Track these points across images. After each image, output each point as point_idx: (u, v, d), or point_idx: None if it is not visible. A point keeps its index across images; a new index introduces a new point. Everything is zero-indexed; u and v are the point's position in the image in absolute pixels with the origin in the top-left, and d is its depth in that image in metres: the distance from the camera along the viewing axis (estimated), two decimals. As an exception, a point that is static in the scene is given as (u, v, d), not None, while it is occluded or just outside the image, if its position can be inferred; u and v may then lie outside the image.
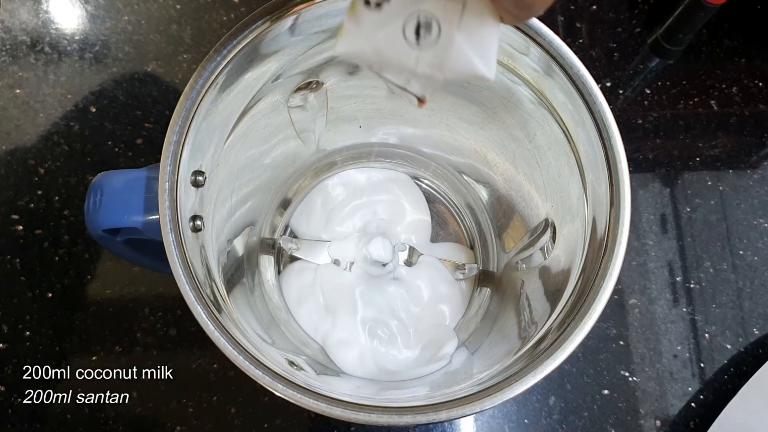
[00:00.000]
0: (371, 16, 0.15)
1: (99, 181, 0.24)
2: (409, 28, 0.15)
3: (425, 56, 0.15)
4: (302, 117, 0.31)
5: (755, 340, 0.36)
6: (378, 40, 0.15)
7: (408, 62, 0.15)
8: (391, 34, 0.15)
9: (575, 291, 0.23)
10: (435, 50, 0.15)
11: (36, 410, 0.33)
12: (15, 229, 0.36)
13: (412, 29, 0.15)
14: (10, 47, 0.40)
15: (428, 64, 0.15)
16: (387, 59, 0.16)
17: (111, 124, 0.38)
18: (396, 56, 0.15)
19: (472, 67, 0.15)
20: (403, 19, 0.15)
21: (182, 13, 0.41)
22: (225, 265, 0.28)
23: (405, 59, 0.15)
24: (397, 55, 0.15)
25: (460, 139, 0.33)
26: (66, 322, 0.35)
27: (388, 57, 0.15)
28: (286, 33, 0.24)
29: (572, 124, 0.25)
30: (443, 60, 0.15)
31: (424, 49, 0.15)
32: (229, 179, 0.28)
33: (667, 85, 0.41)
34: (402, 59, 0.15)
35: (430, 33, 0.15)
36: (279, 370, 0.20)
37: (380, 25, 0.15)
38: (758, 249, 0.37)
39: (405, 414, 0.20)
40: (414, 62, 0.15)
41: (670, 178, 0.39)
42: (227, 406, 0.33)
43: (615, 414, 0.34)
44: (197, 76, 0.22)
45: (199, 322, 0.20)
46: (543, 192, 0.29)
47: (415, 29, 0.15)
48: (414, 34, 0.15)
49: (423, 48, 0.15)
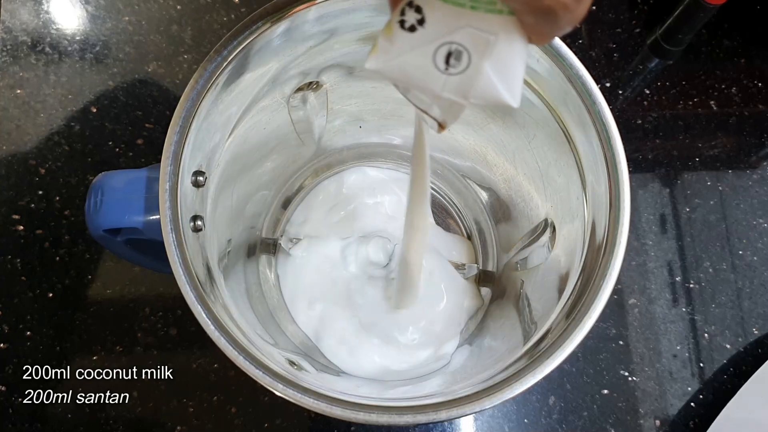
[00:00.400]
0: (405, 37, 0.15)
1: (100, 181, 0.24)
2: (440, 55, 0.15)
3: (452, 82, 0.15)
4: (302, 117, 0.31)
5: (755, 340, 0.36)
6: (408, 61, 0.15)
7: (435, 86, 0.16)
8: (421, 57, 0.15)
9: (575, 291, 0.23)
10: (462, 77, 0.15)
11: (36, 410, 0.33)
12: (16, 229, 0.36)
13: (443, 56, 0.15)
14: (11, 47, 0.40)
15: (454, 89, 0.15)
16: (414, 80, 0.16)
17: (111, 125, 0.38)
18: (423, 79, 0.16)
19: (497, 95, 0.15)
20: (435, 46, 0.15)
21: (183, 13, 0.41)
22: (225, 265, 0.28)
23: (432, 83, 0.16)
24: (425, 78, 0.16)
25: (459, 140, 0.33)
26: (66, 322, 0.35)
27: (415, 78, 0.16)
28: (286, 33, 0.24)
29: (572, 124, 0.25)
30: (469, 87, 0.15)
31: (451, 76, 0.15)
32: (229, 179, 0.28)
33: (666, 85, 0.41)
34: (429, 82, 0.16)
35: (460, 62, 0.15)
36: (279, 370, 0.20)
37: (412, 47, 0.15)
38: (758, 249, 0.37)
39: (405, 414, 0.20)
40: (440, 87, 0.16)
41: (669, 178, 0.39)
42: (227, 405, 0.33)
43: (615, 414, 0.34)
44: (198, 77, 0.22)
45: (199, 321, 0.20)
46: (543, 192, 0.29)
47: (445, 57, 0.15)
48: (444, 62, 0.15)
49: (451, 74, 0.15)
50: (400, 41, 0.15)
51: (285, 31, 0.24)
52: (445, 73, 0.15)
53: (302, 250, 0.34)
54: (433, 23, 0.15)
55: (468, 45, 0.15)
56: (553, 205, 0.28)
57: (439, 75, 0.15)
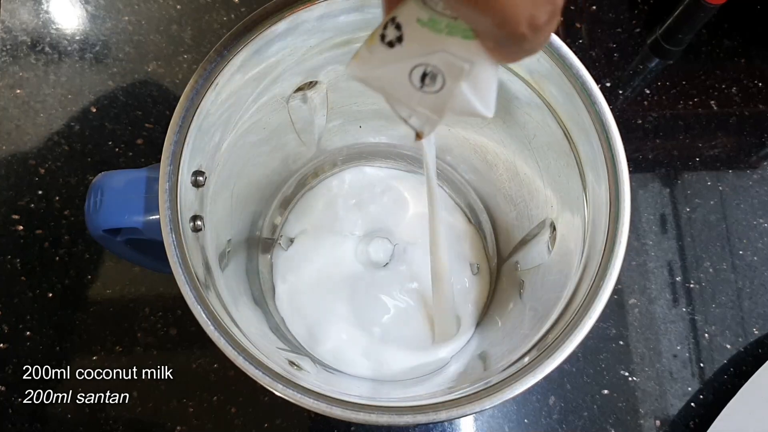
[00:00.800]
0: (384, 51, 0.15)
1: (99, 181, 0.24)
2: (416, 73, 0.15)
3: (427, 99, 0.16)
4: (302, 117, 0.31)
5: (755, 340, 0.36)
6: (385, 74, 0.16)
7: (410, 101, 0.16)
8: (398, 72, 0.16)
9: (575, 291, 0.23)
10: (437, 96, 0.15)
11: (36, 410, 0.33)
12: (15, 229, 0.36)
13: (418, 75, 0.15)
14: (11, 47, 0.40)
15: (429, 106, 0.16)
16: (390, 92, 0.16)
17: (111, 125, 0.38)
18: (399, 92, 0.16)
19: (472, 109, 0.16)
20: (411, 65, 0.15)
21: (182, 13, 0.41)
22: (225, 265, 0.28)
23: (407, 97, 0.16)
24: (401, 92, 0.16)
25: (459, 139, 0.33)
26: (66, 322, 0.35)
27: (391, 91, 0.16)
28: (286, 33, 0.24)
29: (572, 124, 0.25)
30: (443, 105, 0.16)
31: (426, 93, 0.16)
32: (229, 179, 0.28)
33: (666, 85, 0.41)
34: (404, 97, 0.16)
35: (435, 83, 0.15)
36: (279, 370, 0.20)
37: (390, 62, 0.15)
38: (758, 249, 0.37)
39: (405, 414, 0.20)
40: (416, 102, 0.16)
41: (669, 178, 0.39)
42: (227, 405, 0.33)
43: (615, 414, 0.34)
44: (198, 77, 0.22)
45: (199, 322, 0.20)
46: (543, 192, 0.29)
47: (420, 76, 0.15)
48: (419, 80, 0.15)
49: (426, 92, 0.16)
50: (379, 54, 0.16)
51: (285, 31, 0.24)
52: (420, 91, 0.16)
53: (302, 249, 0.34)
54: (411, 43, 0.15)
55: (443, 69, 0.15)
56: (553, 205, 0.28)
57: (415, 91, 0.16)
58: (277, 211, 0.36)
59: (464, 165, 0.36)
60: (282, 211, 0.36)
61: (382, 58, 0.15)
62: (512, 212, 0.33)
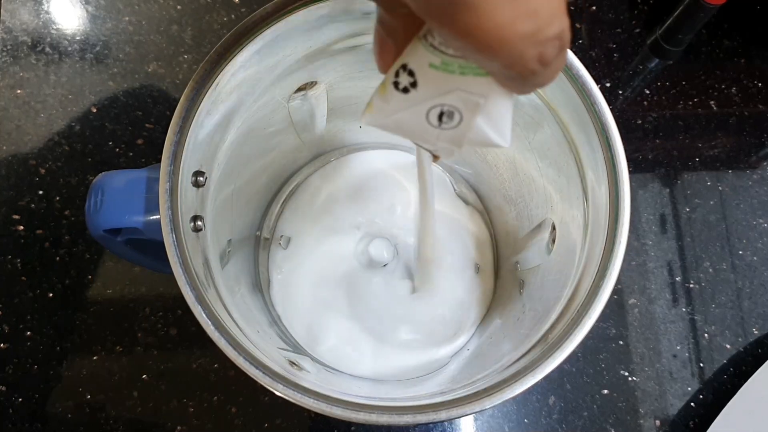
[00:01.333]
0: (399, 97, 0.16)
1: (100, 181, 0.24)
2: (433, 114, 0.16)
3: (446, 134, 0.16)
4: (302, 117, 0.31)
5: (755, 340, 0.36)
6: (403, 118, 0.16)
7: (429, 137, 0.16)
8: (415, 116, 0.16)
9: (575, 291, 0.23)
10: (455, 131, 0.16)
11: (36, 410, 0.33)
12: (16, 229, 0.36)
13: (436, 115, 0.16)
14: (11, 48, 0.40)
15: (448, 140, 0.16)
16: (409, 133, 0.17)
17: (112, 125, 0.39)
18: (418, 132, 0.16)
19: (489, 140, 0.16)
20: (428, 107, 0.16)
21: (183, 13, 0.41)
22: (225, 265, 0.28)
23: (426, 135, 0.16)
24: (419, 132, 0.16)
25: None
26: (66, 321, 0.35)
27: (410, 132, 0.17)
28: (286, 34, 0.24)
29: (572, 124, 0.25)
30: (462, 138, 0.16)
31: (444, 130, 0.16)
32: (229, 179, 0.28)
33: (666, 85, 0.41)
34: (423, 135, 0.16)
35: (452, 120, 0.16)
36: (279, 370, 0.20)
37: (406, 107, 0.16)
38: (757, 249, 0.37)
39: (405, 414, 0.20)
40: (434, 138, 0.16)
41: (669, 178, 0.39)
42: (227, 405, 0.33)
43: (615, 414, 0.34)
44: (198, 77, 0.22)
45: (199, 321, 0.20)
46: (543, 192, 0.29)
47: (438, 116, 0.16)
48: (437, 119, 0.16)
49: (444, 129, 0.16)
50: (394, 101, 0.16)
51: (285, 32, 0.24)
52: (439, 128, 0.16)
53: (298, 248, 0.34)
54: (425, 86, 0.15)
55: (459, 106, 0.15)
56: (553, 205, 0.28)
57: (433, 129, 0.16)
58: (278, 211, 0.36)
59: (464, 165, 0.36)
60: (282, 210, 0.36)
61: (397, 105, 0.16)
62: (512, 212, 0.33)
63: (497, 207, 0.35)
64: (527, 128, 0.28)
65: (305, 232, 0.35)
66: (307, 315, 0.33)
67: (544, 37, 0.12)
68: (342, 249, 0.34)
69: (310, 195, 0.36)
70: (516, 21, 0.11)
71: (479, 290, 0.34)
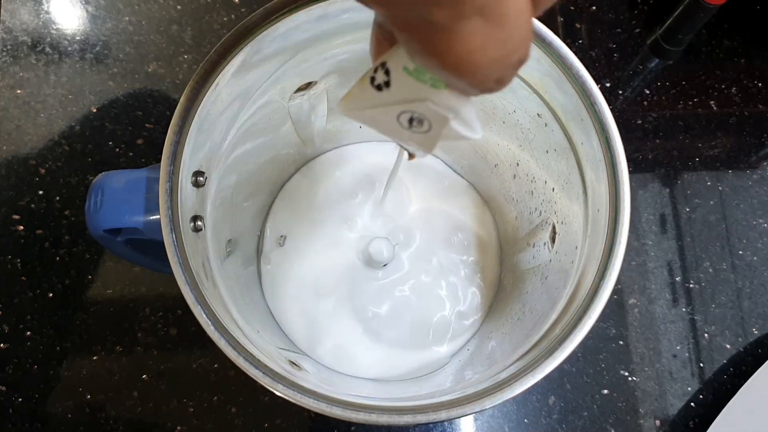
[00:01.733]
0: (373, 93, 0.16)
1: (100, 181, 0.24)
2: (404, 117, 0.16)
3: (416, 137, 0.16)
4: (302, 117, 0.31)
5: (755, 340, 0.36)
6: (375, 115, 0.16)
7: (400, 137, 0.17)
8: (386, 114, 0.16)
9: (575, 291, 0.23)
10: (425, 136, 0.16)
11: (36, 410, 0.33)
12: (16, 229, 0.36)
13: (406, 119, 0.16)
14: (11, 48, 0.40)
15: (418, 142, 0.16)
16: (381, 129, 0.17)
17: (112, 125, 0.38)
18: (389, 130, 0.17)
19: (461, 137, 0.16)
20: (399, 110, 0.16)
21: (183, 13, 0.41)
22: (225, 265, 0.28)
23: (397, 135, 0.17)
24: (391, 130, 0.16)
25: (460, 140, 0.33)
26: (66, 321, 0.35)
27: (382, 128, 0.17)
28: (286, 34, 0.24)
29: (572, 124, 0.25)
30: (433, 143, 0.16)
31: (415, 133, 0.16)
32: (229, 179, 0.28)
33: (666, 85, 0.41)
34: (394, 134, 0.17)
35: (422, 126, 0.16)
36: (279, 370, 0.20)
37: (378, 104, 0.16)
38: (757, 249, 0.37)
39: (405, 414, 0.20)
40: (406, 138, 0.17)
41: (669, 178, 0.39)
42: (227, 405, 0.33)
43: (615, 414, 0.34)
44: (198, 77, 0.22)
45: (199, 321, 0.20)
46: (543, 192, 0.29)
47: (408, 120, 0.16)
48: (407, 122, 0.16)
49: (414, 132, 0.16)
50: (368, 95, 0.16)
51: (285, 32, 0.24)
52: (410, 130, 0.16)
53: (300, 247, 0.35)
54: (397, 89, 0.15)
55: (429, 116, 0.15)
56: (554, 205, 0.28)
57: (404, 131, 0.16)
58: (277, 210, 0.36)
59: (464, 165, 0.36)
60: (281, 209, 0.36)
61: (371, 100, 0.16)
62: (512, 212, 0.33)
63: (498, 207, 0.35)
64: (527, 129, 0.28)
65: (302, 231, 0.35)
66: (307, 315, 0.33)
67: (509, 63, 0.12)
68: (341, 248, 0.34)
69: (306, 192, 0.36)
70: (487, 47, 0.11)
71: (479, 290, 0.34)
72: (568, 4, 0.42)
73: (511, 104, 0.27)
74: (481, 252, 0.35)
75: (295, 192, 0.36)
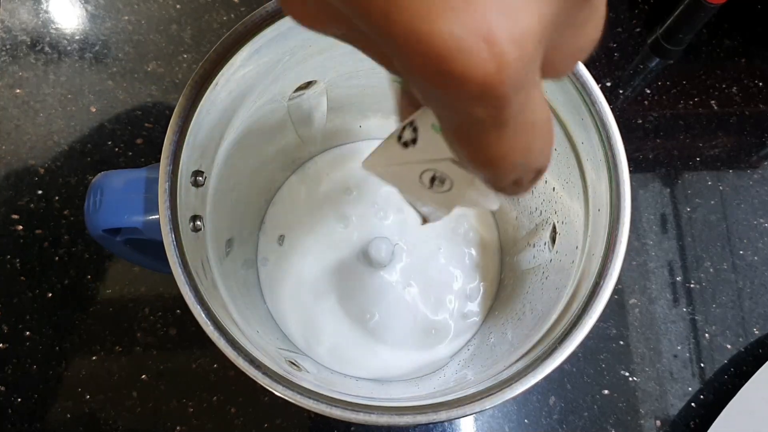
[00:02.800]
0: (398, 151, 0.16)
1: (99, 180, 0.24)
2: (426, 176, 0.16)
3: (437, 197, 0.16)
4: (302, 117, 0.31)
5: (755, 340, 0.36)
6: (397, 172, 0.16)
7: (420, 197, 0.17)
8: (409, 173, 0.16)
9: (575, 291, 0.23)
10: (446, 196, 0.16)
11: (36, 410, 0.33)
12: (15, 229, 0.36)
13: (428, 178, 0.16)
14: (10, 47, 0.40)
15: (438, 202, 0.17)
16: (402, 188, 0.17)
17: (111, 124, 0.38)
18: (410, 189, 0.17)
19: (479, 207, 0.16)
20: (422, 168, 0.16)
21: (182, 12, 0.41)
22: (225, 265, 0.28)
23: (418, 194, 0.17)
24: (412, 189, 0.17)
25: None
26: (66, 321, 0.35)
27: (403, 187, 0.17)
28: (286, 33, 0.24)
29: (572, 124, 0.25)
30: (452, 204, 0.16)
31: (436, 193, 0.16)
32: (229, 179, 0.28)
33: (667, 85, 0.41)
34: (415, 193, 0.17)
35: (443, 185, 0.16)
36: (279, 370, 0.20)
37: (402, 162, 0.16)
38: (758, 249, 0.37)
39: (405, 414, 0.20)
40: (426, 198, 0.17)
41: (670, 178, 0.39)
42: (227, 406, 0.33)
43: (615, 414, 0.34)
44: (197, 77, 0.22)
45: (199, 322, 0.20)
46: (543, 192, 0.29)
47: (430, 179, 0.16)
48: (429, 182, 0.16)
49: (435, 192, 0.16)
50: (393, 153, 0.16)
51: (285, 31, 0.24)
52: (430, 190, 0.16)
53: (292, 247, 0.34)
54: (424, 146, 0.15)
55: (451, 175, 0.16)
56: (554, 205, 0.28)
57: (425, 190, 0.16)
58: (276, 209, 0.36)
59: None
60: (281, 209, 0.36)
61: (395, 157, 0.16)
62: (512, 212, 0.33)
63: (497, 207, 0.35)
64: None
65: (301, 230, 0.35)
66: (306, 315, 0.33)
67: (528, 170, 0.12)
68: (340, 247, 0.34)
69: (306, 192, 0.36)
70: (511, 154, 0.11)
71: (480, 290, 0.34)
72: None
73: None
74: (481, 251, 0.35)
75: (295, 191, 0.36)
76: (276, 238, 0.35)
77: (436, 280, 0.34)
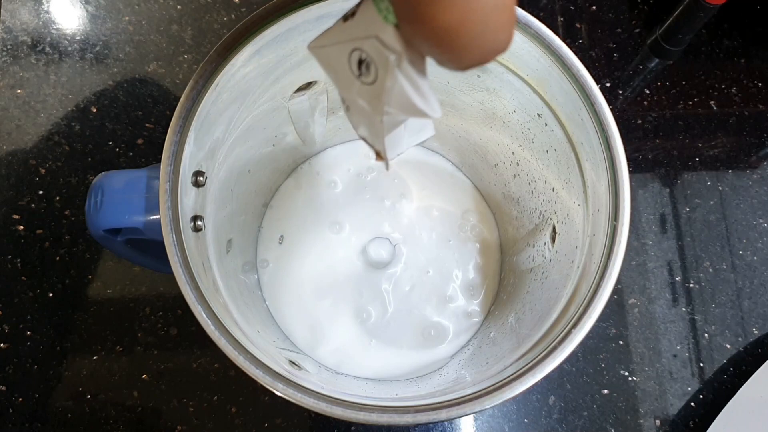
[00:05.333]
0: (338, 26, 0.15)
1: (100, 181, 0.24)
2: (354, 58, 0.15)
3: (365, 90, 0.15)
4: (302, 117, 0.31)
5: (755, 340, 0.36)
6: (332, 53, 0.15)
7: (351, 88, 0.15)
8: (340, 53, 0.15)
9: (575, 291, 0.23)
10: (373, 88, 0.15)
11: (36, 410, 0.33)
12: (16, 229, 0.36)
13: (356, 61, 0.15)
14: (11, 47, 0.40)
15: (366, 98, 0.15)
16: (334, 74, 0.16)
17: (112, 124, 0.39)
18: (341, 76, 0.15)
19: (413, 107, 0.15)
20: (351, 48, 0.15)
21: (183, 13, 0.41)
22: (226, 265, 0.28)
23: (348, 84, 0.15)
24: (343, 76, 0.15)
25: (459, 139, 0.33)
26: (67, 321, 0.35)
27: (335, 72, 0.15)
28: (286, 34, 0.24)
29: (572, 124, 0.25)
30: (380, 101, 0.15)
31: (363, 84, 0.15)
32: (229, 179, 0.28)
33: (666, 85, 0.41)
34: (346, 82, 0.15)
35: (369, 73, 0.14)
36: (279, 370, 0.20)
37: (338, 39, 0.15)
38: (758, 249, 0.37)
39: (405, 413, 0.20)
40: (355, 92, 0.15)
41: (669, 178, 0.39)
42: (228, 405, 0.33)
43: (615, 413, 0.34)
44: (198, 77, 0.22)
45: (199, 321, 0.20)
46: (543, 192, 0.29)
47: (357, 62, 0.15)
48: (357, 66, 0.15)
49: (363, 82, 0.15)
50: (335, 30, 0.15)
51: (285, 32, 0.24)
52: (359, 80, 0.15)
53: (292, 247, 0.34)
54: (359, 19, 0.14)
55: (374, 57, 0.14)
56: (554, 205, 0.28)
57: (354, 79, 0.15)
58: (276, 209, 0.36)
59: (465, 165, 0.36)
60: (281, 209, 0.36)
61: (334, 34, 0.15)
62: (512, 212, 0.33)
63: (498, 206, 0.35)
64: (528, 129, 0.28)
65: (301, 230, 0.35)
66: (306, 315, 0.33)
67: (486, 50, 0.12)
68: (340, 247, 0.34)
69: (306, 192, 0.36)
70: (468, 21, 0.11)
71: (480, 290, 0.34)
72: (568, 3, 0.42)
73: (511, 104, 0.27)
74: (481, 252, 0.35)
75: (295, 191, 0.36)
76: (276, 239, 0.35)
77: (436, 280, 0.34)
